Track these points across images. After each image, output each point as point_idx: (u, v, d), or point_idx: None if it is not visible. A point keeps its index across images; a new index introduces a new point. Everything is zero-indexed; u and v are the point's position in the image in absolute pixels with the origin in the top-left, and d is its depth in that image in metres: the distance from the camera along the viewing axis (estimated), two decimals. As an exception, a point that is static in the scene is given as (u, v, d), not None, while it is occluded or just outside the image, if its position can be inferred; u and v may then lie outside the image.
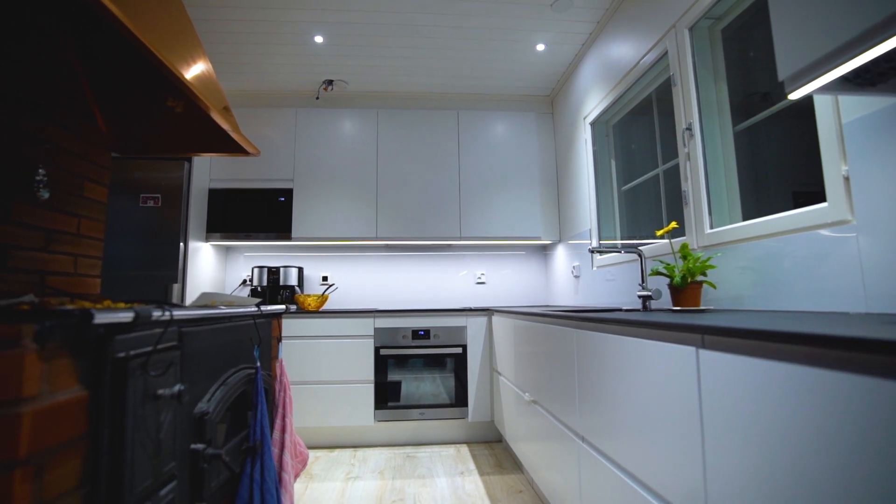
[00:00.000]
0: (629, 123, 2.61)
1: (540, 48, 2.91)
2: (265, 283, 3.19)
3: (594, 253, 2.42)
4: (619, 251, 2.04)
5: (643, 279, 1.94)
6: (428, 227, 3.22)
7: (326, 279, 3.45)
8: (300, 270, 3.30)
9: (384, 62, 3.06)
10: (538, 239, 3.29)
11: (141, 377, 0.79)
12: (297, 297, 3.04)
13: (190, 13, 2.49)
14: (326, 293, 3.19)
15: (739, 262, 1.50)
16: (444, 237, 3.23)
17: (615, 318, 1.17)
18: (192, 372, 1.05)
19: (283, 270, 3.21)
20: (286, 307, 1.74)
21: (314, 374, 2.75)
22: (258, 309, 1.46)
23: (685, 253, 1.55)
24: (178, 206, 2.71)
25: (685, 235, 1.82)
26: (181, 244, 2.70)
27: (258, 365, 1.41)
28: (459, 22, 2.63)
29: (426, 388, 2.82)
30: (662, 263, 1.60)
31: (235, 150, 1.73)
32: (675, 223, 1.70)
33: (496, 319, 2.72)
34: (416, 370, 2.83)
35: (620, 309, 2.03)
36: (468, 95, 3.54)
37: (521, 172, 3.32)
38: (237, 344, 1.35)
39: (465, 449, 2.73)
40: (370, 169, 3.24)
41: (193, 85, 1.27)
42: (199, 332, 1.09)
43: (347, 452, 2.70)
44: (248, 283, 3.36)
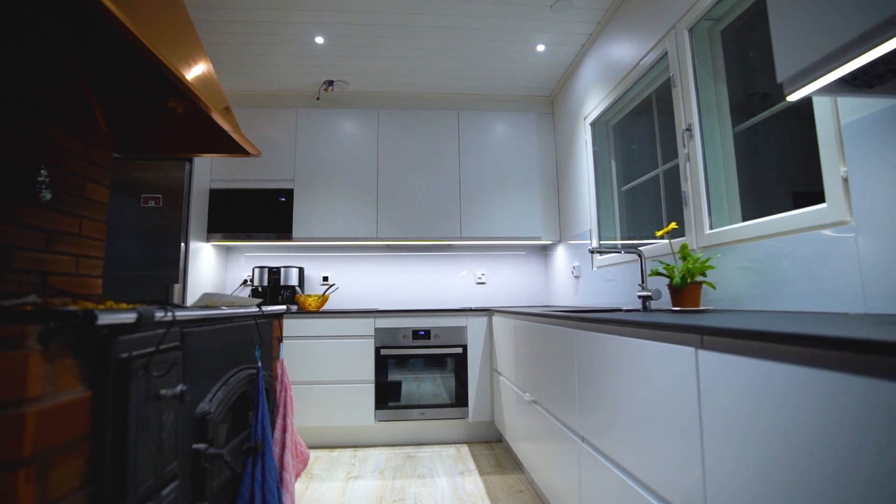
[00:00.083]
0: (629, 124, 2.61)
1: (540, 49, 2.91)
2: (266, 283, 3.20)
3: (594, 253, 2.43)
4: (619, 251, 2.05)
5: (643, 279, 1.95)
6: (428, 227, 3.22)
7: (327, 279, 3.46)
8: (301, 271, 3.31)
9: (385, 63, 3.06)
10: (538, 239, 3.30)
11: (143, 378, 0.80)
12: (297, 297, 3.05)
13: (191, 14, 2.50)
14: (327, 293, 3.19)
15: (739, 262, 1.51)
16: (444, 237, 3.23)
17: (615, 318, 1.17)
18: (193, 372, 1.06)
19: (283, 271, 3.22)
20: (287, 307, 1.74)
21: (315, 374, 2.76)
22: (259, 309, 1.46)
23: (685, 253, 1.56)
24: (179, 206, 2.72)
25: (685, 236, 1.82)
26: (182, 244, 2.71)
27: (259, 365, 1.42)
28: (460, 23, 2.64)
29: (426, 388, 2.82)
30: (662, 264, 1.61)
31: (236, 150, 1.73)
32: (674, 224, 1.71)
33: (496, 319, 2.72)
34: (416, 370, 2.83)
35: (620, 309, 2.03)
36: (468, 96, 3.54)
37: (521, 172, 3.32)
38: (239, 344, 1.36)
39: (465, 449, 2.74)
40: (371, 169, 3.25)
41: (194, 85, 1.28)
42: (200, 332, 1.10)
43: (348, 452, 2.70)
44: (248, 283, 3.37)
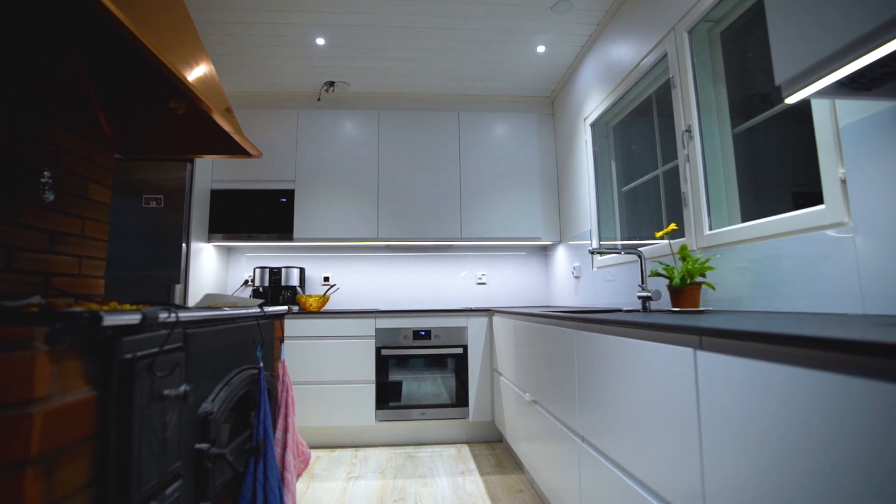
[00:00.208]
0: (629, 125, 2.62)
1: (540, 50, 2.92)
2: (267, 283, 3.20)
3: (594, 254, 2.43)
4: (619, 252, 2.05)
5: (643, 280, 1.95)
6: (429, 227, 3.23)
7: (328, 280, 3.46)
8: (302, 271, 3.32)
9: (385, 64, 3.07)
10: (539, 239, 3.30)
11: (147, 378, 0.81)
12: (298, 297, 3.05)
13: (192, 15, 2.51)
14: (328, 294, 3.20)
15: (738, 263, 1.51)
16: (444, 238, 3.24)
17: (614, 319, 1.18)
18: (196, 372, 1.06)
19: (284, 271, 3.22)
20: (288, 308, 1.75)
21: (316, 374, 2.77)
22: (261, 310, 1.47)
23: (684, 254, 1.56)
24: (180, 206, 2.73)
25: (684, 237, 1.83)
26: (183, 245, 2.72)
27: (261, 365, 1.43)
28: (460, 24, 2.64)
29: (427, 388, 2.83)
30: (662, 265, 1.61)
31: (238, 151, 1.74)
32: (674, 225, 1.71)
33: (497, 320, 2.73)
34: (417, 370, 2.84)
35: (620, 310, 2.04)
36: (469, 97, 3.55)
37: (521, 173, 3.33)
38: (241, 345, 1.36)
39: (465, 449, 2.74)
40: (371, 170, 3.25)
41: (195, 86, 1.28)
42: (203, 333, 1.11)
43: (349, 452, 2.71)
44: (249, 283, 3.38)
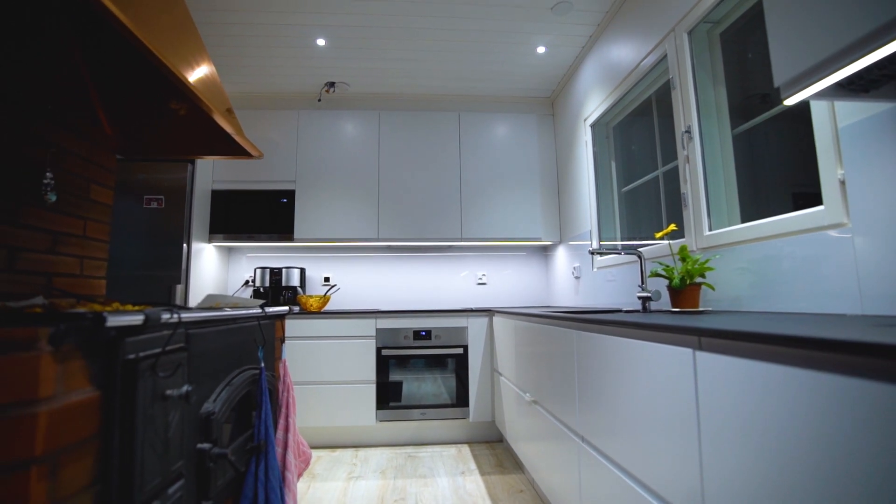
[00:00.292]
0: (629, 125, 2.62)
1: (540, 51, 2.92)
2: (267, 283, 3.21)
3: (594, 254, 2.44)
4: (619, 253, 2.06)
5: (643, 280, 1.96)
6: (429, 228, 3.24)
7: (328, 280, 3.47)
8: (302, 271, 3.32)
9: (386, 64, 3.08)
10: (539, 240, 3.31)
11: (150, 378, 0.81)
12: (299, 297, 3.06)
13: (192, 15, 2.51)
14: (328, 294, 3.20)
15: (738, 263, 1.52)
16: (445, 238, 3.24)
17: (614, 319, 1.18)
18: (198, 373, 1.07)
19: (285, 271, 3.23)
20: (289, 308, 1.76)
21: (316, 374, 2.77)
22: (262, 310, 1.48)
23: (684, 255, 1.57)
24: (181, 207, 2.73)
25: (684, 237, 1.83)
26: (184, 245, 2.72)
27: (262, 365, 1.43)
28: (460, 25, 2.65)
29: (427, 388, 2.83)
30: (662, 265, 1.62)
31: (239, 152, 1.74)
32: (674, 225, 1.72)
33: (497, 320, 2.73)
34: (417, 370, 2.84)
35: (620, 310, 2.04)
36: (469, 97, 3.56)
37: (521, 173, 3.34)
38: (242, 345, 1.37)
39: (466, 449, 2.75)
40: (372, 170, 3.26)
41: (196, 87, 1.29)
42: (205, 333, 1.11)
43: (349, 452, 2.72)
44: (250, 283, 3.38)
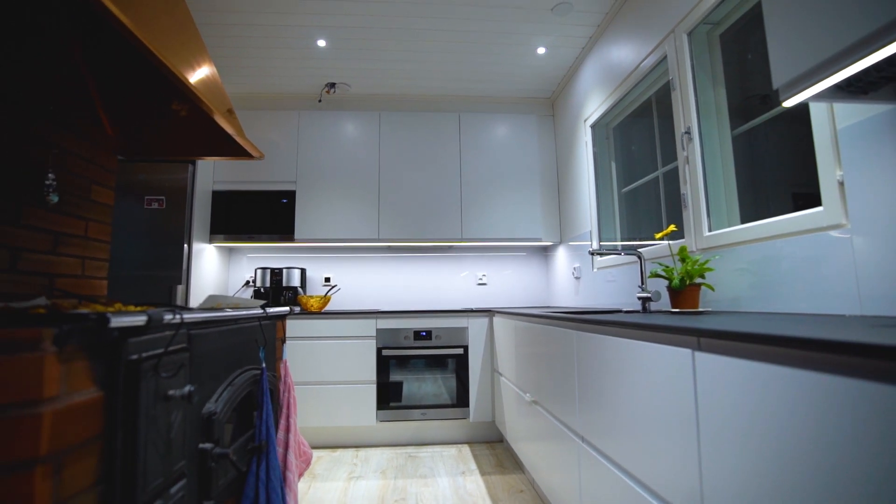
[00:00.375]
0: (629, 126, 2.63)
1: (541, 51, 2.93)
2: (268, 284, 3.21)
3: (594, 255, 2.44)
4: (619, 253, 2.06)
5: (643, 281, 1.96)
6: (429, 228, 3.24)
7: (329, 280, 3.47)
8: (303, 272, 3.33)
9: (386, 65, 3.08)
10: (539, 240, 3.31)
11: (153, 378, 0.82)
12: (299, 298, 3.06)
13: (193, 16, 2.52)
14: (329, 294, 3.21)
15: (737, 264, 1.52)
16: (445, 238, 3.25)
17: (614, 319, 1.19)
18: (200, 373, 1.07)
19: (285, 272, 3.24)
20: (290, 308, 1.76)
21: (317, 374, 2.78)
22: (263, 311, 1.48)
23: (684, 255, 1.57)
24: (182, 207, 2.74)
25: (684, 238, 1.84)
26: (185, 245, 2.73)
27: (263, 366, 1.44)
28: (460, 26, 2.65)
29: (428, 388, 2.84)
30: (661, 266, 1.62)
31: (240, 153, 1.75)
32: (673, 226, 1.72)
33: (497, 320, 2.74)
34: (417, 371, 2.85)
35: (620, 311, 2.05)
36: (469, 98, 3.56)
37: (521, 174, 3.34)
38: (243, 345, 1.37)
39: (466, 449, 2.75)
40: (372, 171, 3.26)
41: (197, 88, 1.29)
42: (207, 334, 1.12)
43: (350, 452, 2.72)
44: (251, 284, 3.39)
